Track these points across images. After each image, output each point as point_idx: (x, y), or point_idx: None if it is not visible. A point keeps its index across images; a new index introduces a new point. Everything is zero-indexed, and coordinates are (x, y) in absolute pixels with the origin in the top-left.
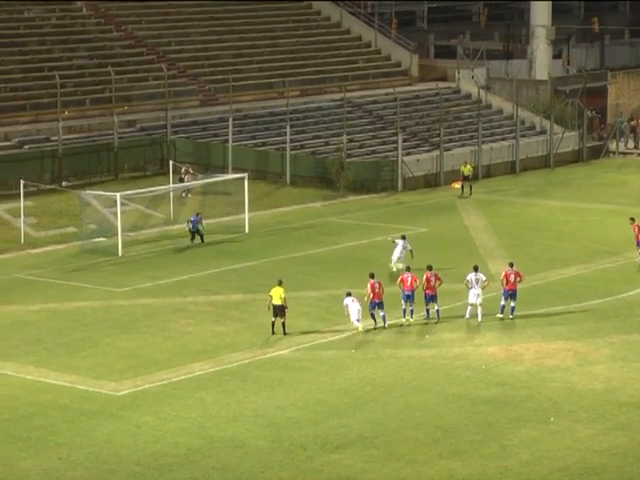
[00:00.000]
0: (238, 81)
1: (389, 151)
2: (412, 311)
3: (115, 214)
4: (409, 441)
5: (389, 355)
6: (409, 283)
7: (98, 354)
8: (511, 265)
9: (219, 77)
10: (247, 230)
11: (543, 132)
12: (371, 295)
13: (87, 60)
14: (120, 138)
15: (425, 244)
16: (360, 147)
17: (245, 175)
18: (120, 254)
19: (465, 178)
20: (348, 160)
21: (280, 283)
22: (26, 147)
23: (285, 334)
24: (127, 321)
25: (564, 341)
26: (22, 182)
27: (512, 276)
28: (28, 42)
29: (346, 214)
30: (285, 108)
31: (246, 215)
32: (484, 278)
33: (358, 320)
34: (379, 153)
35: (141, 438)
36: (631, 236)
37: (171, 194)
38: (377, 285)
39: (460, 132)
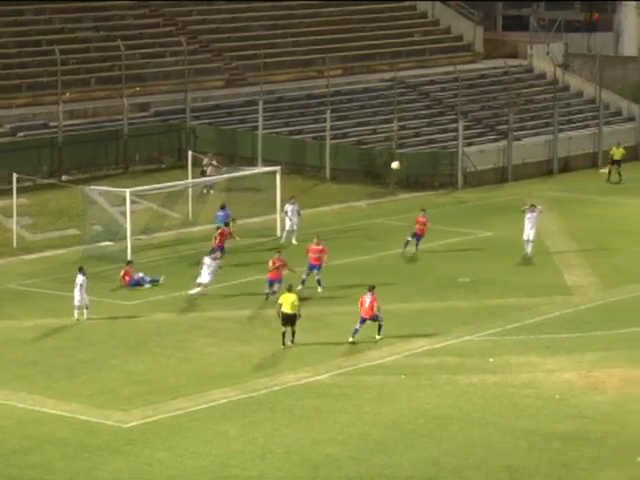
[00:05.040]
0: (270, 57)
1: (448, 141)
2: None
3: (124, 214)
4: None
5: (446, 382)
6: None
7: (103, 379)
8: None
9: (248, 53)
10: (279, 233)
11: (631, 119)
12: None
13: (93, 32)
14: (131, 124)
15: (490, 250)
16: (414, 136)
17: (278, 169)
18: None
19: (615, 162)
20: (399, 151)
21: (290, 289)
22: (20, 135)
23: (293, 342)
24: (137, 340)
25: None
26: (15, 176)
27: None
28: (24, 10)
29: (396, 215)
30: (325, 90)
31: (278, 216)
32: None
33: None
34: (436, 143)
35: (153, 478)
36: None
37: (190, 190)
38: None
39: (533, 118)
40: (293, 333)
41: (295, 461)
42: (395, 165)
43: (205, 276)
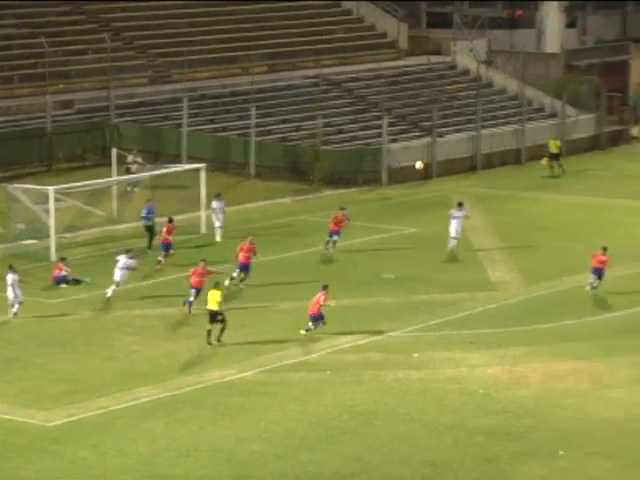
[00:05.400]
0: (194, 55)
1: (372, 137)
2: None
3: (48, 212)
4: (393, 479)
5: (371, 378)
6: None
7: (27, 377)
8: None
9: (172, 50)
10: (204, 230)
11: (553, 115)
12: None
13: (15, 29)
14: (54, 122)
15: (415, 247)
16: (338, 133)
17: (202, 166)
18: (53, 259)
19: (553, 156)
20: (324, 148)
21: (216, 286)
22: None
23: (219, 341)
24: (61, 339)
25: (577, 360)
26: None
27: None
28: None
29: (321, 212)
30: (250, 87)
31: (203, 213)
32: None
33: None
34: (360, 140)
35: (77, 477)
36: None
37: (114, 188)
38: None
39: (456, 115)
40: (222, 330)
41: (220, 459)
42: (419, 165)
43: (117, 275)
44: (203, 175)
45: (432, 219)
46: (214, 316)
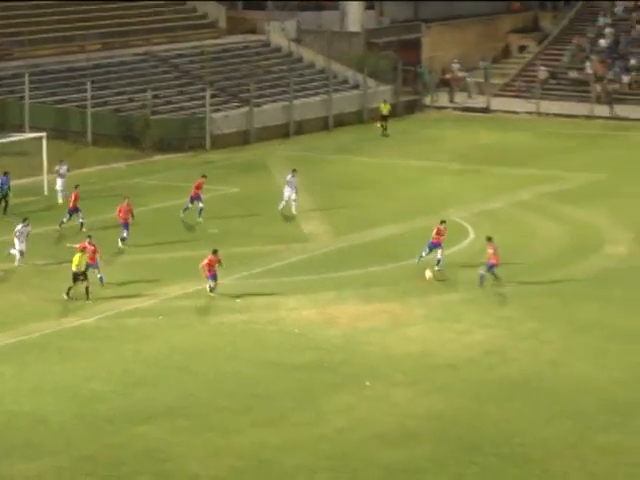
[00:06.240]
0: (35, 34)
1: (197, 108)
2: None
3: None
4: (221, 411)
5: (199, 321)
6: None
7: None
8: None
9: (14, 30)
10: (46, 193)
11: (356, 86)
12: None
13: None
14: None
15: (236, 205)
16: (166, 104)
17: (44, 134)
18: None
19: (383, 117)
20: (154, 117)
21: (82, 250)
22: None
23: (88, 299)
24: None
25: (380, 303)
26: None
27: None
28: None
29: (152, 174)
30: (86, 63)
31: (45, 177)
32: None
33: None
34: (186, 110)
35: None
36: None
37: None
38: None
39: (271, 87)
40: (87, 290)
41: (64, 396)
42: (428, 274)
43: (18, 244)
44: (44, 143)
45: (251, 180)
46: (76, 276)
